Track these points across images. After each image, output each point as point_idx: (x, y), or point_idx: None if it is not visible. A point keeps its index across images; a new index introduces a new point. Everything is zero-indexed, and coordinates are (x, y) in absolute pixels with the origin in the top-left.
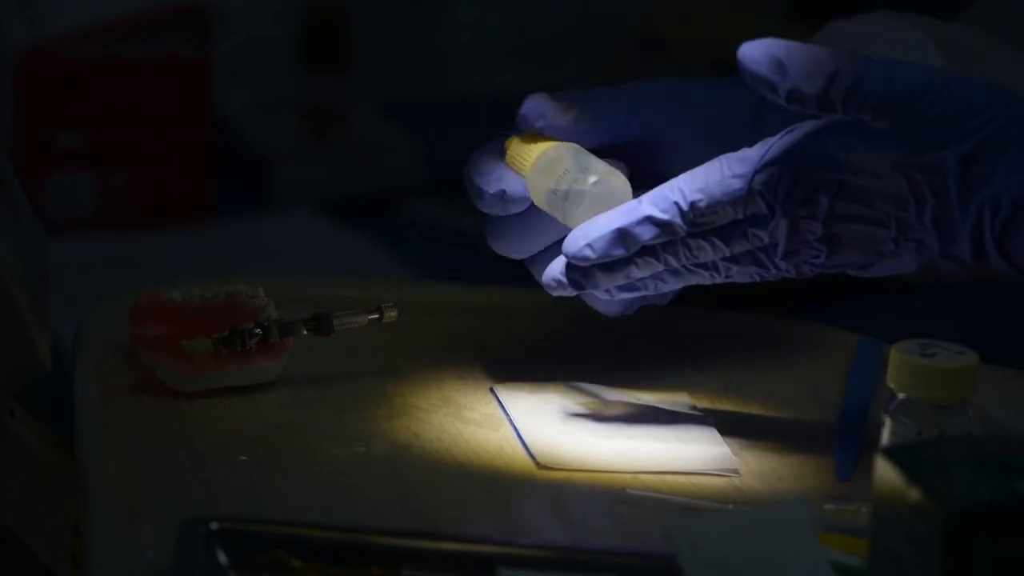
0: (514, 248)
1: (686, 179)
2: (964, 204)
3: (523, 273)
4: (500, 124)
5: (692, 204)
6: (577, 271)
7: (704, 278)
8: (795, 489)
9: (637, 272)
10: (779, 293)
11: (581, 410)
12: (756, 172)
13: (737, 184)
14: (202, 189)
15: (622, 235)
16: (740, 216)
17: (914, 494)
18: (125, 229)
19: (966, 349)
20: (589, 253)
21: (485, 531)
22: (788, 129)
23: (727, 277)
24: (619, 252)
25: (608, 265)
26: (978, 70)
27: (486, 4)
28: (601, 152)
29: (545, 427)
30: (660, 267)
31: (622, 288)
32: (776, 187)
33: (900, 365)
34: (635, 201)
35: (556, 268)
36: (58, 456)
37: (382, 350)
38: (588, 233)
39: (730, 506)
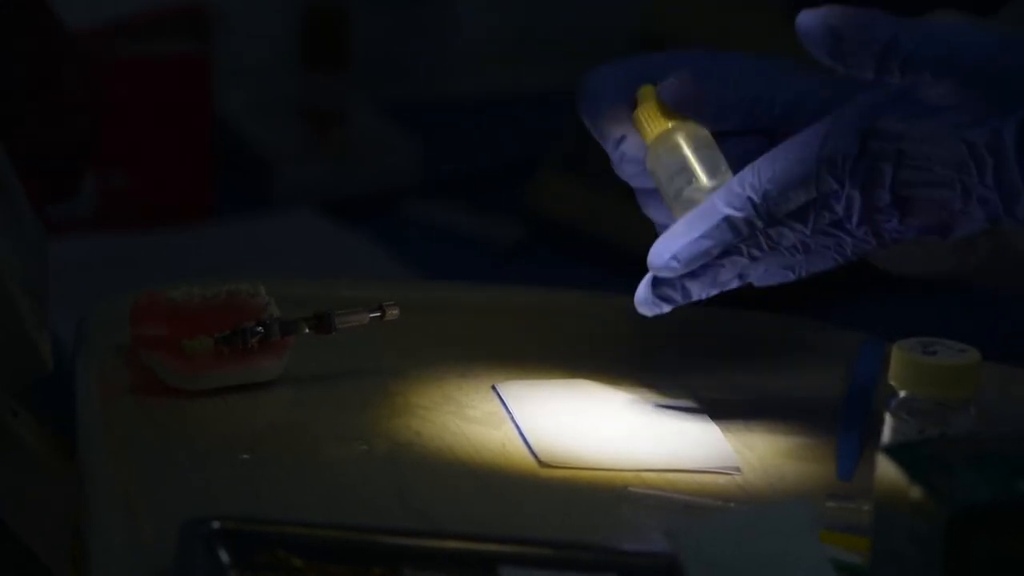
0: (633, 177)
1: (753, 171)
2: (1023, 165)
3: (523, 273)
4: (500, 124)
5: (765, 195)
6: (666, 285)
7: (785, 260)
8: (797, 487)
9: (724, 274)
10: (780, 293)
11: (583, 408)
12: (819, 152)
13: (803, 167)
14: (202, 189)
15: (704, 242)
16: (812, 196)
17: (916, 493)
18: (125, 229)
19: (968, 347)
20: (675, 265)
21: (487, 530)
22: (846, 104)
23: (807, 255)
24: (704, 258)
25: (695, 272)
26: None
27: (486, 4)
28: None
29: (547, 425)
30: (745, 261)
31: (711, 290)
32: (841, 164)
33: (902, 363)
34: (709, 203)
35: (644, 290)
36: (58, 456)
37: (383, 349)
38: (670, 245)
39: (732, 504)
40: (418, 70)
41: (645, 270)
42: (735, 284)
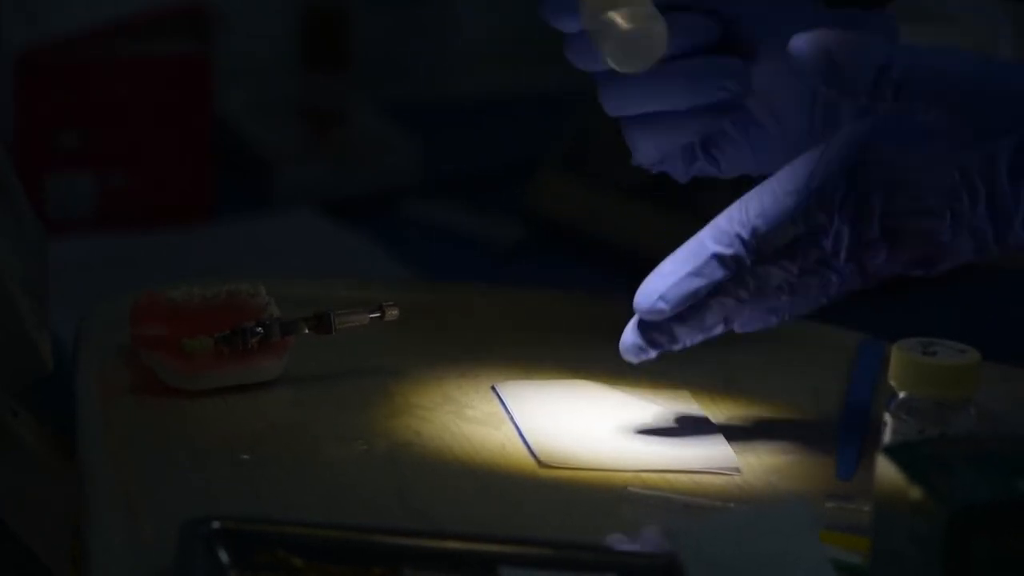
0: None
1: (742, 206)
2: (1016, 190)
3: (523, 273)
4: (500, 124)
5: (753, 231)
6: (654, 330)
7: (770, 303)
8: (796, 487)
9: (711, 318)
10: None
11: (583, 408)
12: (809, 184)
13: (793, 200)
14: (202, 189)
15: (693, 280)
16: (801, 231)
17: (915, 493)
18: (125, 229)
19: (968, 347)
20: (663, 306)
21: (486, 530)
22: (836, 135)
23: (792, 296)
24: (692, 299)
25: (682, 316)
26: None
27: (486, 4)
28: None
29: (547, 425)
30: (732, 303)
31: (697, 336)
32: (832, 196)
33: (901, 363)
34: (696, 242)
35: (630, 335)
36: (58, 456)
37: (383, 349)
38: (657, 286)
39: (732, 504)
40: (418, 70)
41: (645, 270)
42: (720, 329)
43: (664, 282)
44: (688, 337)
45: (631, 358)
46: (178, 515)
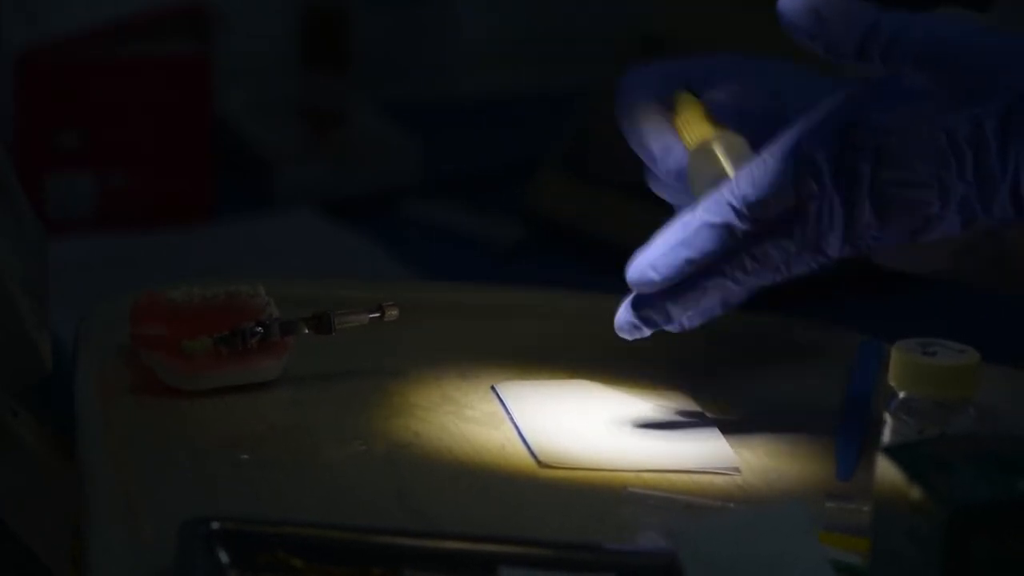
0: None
1: (734, 179)
2: (1003, 156)
3: (523, 273)
4: (500, 124)
5: (743, 199)
6: (648, 306)
7: (767, 279)
8: (796, 487)
9: (708, 299)
10: (779, 293)
11: (582, 409)
12: (797, 151)
13: (781, 165)
14: (202, 189)
15: (683, 250)
16: (792, 202)
17: (915, 493)
18: (125, 229)
19: (967, 347)
20: (653, 276)
21: (486, 530)
22: (822, 102)
23: (788, 272)
24: (684, 269)
25: (675, 293)
26: None
27: (486, 4)
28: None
29: (546, 425)
30: (730, 284)
31: (694, 317)
32: (821, 160)
33: (901, 364)
34: (687, 214)
35: (624, 313)
36: (58, 456)
37: (383, 349)
38: (648, 256)
39: (731, 504)
40: (418, 70)
41: None
42: (719, 311)
43: (654, 252)
44: (683, 315)
45: (625, 335)
46: (178, 515)
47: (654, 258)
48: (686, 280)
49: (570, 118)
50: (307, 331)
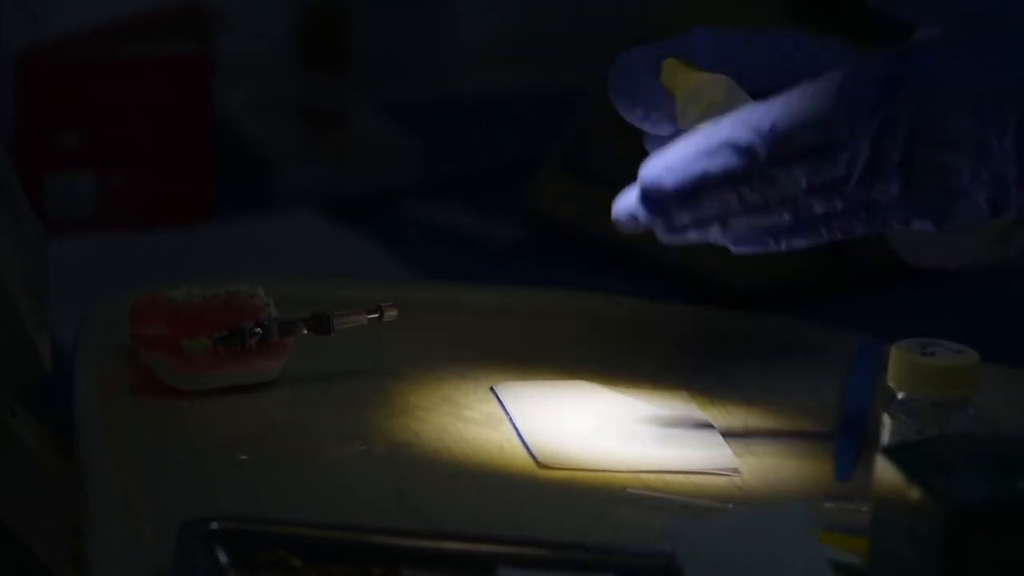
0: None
1: (768, 104)
2: None
3: (523, 273)
4: (500, 124)
5: (772, 126)
6: (651, 200)
7: (771, 219)
8: (795, 488)
9: (709, 206)
10: (779, 293)
11: (582, 409)
12: (839, 91)
13: (819, 104)
14: (202, 189)
15: (702, 162)
16: (820, 141)
17: (914, 493)
18: (125, 229)
19: (966, 348)
20: (668, 177)
21: (485, 530)
22: (873, 53)
23: (795, 218)
24: (697, 183)
25: (682, 196)
26: None
27: (486, 4)
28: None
29: (545, 426)
30: (734, 201)
31: (690, 226)
32: (859, 105)
33: (900, 364)
34: (712, 126)
35: (626, 202)
36: (58, 456)
37: (382, 350)
38: (667, 158)
39: (730, 505)
40: (418, 70)
41: (646, 270)
42: (715, 230)
43: (672, 157)
44: (684, 219)
45: (621, 222)
46: (178, 515)
47: (671, 163)
48: (696, 191)
49: (570, 118)
50: (306, 331)
